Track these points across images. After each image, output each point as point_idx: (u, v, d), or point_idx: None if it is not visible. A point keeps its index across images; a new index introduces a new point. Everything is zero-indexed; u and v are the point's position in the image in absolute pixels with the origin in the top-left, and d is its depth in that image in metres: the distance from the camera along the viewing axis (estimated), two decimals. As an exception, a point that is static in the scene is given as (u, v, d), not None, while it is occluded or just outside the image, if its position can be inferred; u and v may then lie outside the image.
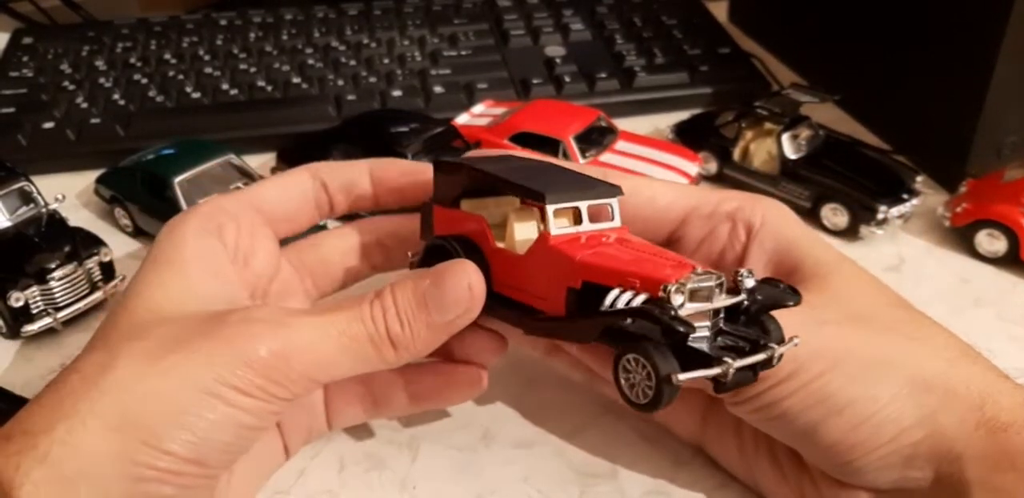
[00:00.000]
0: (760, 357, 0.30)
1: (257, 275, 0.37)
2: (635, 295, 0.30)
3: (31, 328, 0.47)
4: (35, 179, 0.51)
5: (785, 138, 0.56)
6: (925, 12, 0.57)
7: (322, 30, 0.75)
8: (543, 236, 0.33)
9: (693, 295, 0.29)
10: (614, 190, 0.34)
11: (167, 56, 0.72)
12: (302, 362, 0.31)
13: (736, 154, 0.58)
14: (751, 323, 0.31)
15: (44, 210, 0.50)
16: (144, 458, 0.29)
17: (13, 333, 0.47)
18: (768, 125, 0.58)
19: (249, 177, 0.55)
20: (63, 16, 0.85)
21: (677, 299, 0.29)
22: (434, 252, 0.36)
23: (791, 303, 0.31)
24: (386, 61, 0.71)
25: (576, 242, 0.32)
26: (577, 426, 0.42)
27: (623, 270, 0.31)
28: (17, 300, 0.46)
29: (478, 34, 0.75)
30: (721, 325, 0.31)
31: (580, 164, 0.53)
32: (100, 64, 0.71)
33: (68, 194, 0.58)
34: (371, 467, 0.40)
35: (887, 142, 0.63)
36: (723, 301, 0.30)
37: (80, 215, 0.58)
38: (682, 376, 0.28)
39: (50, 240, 0.48)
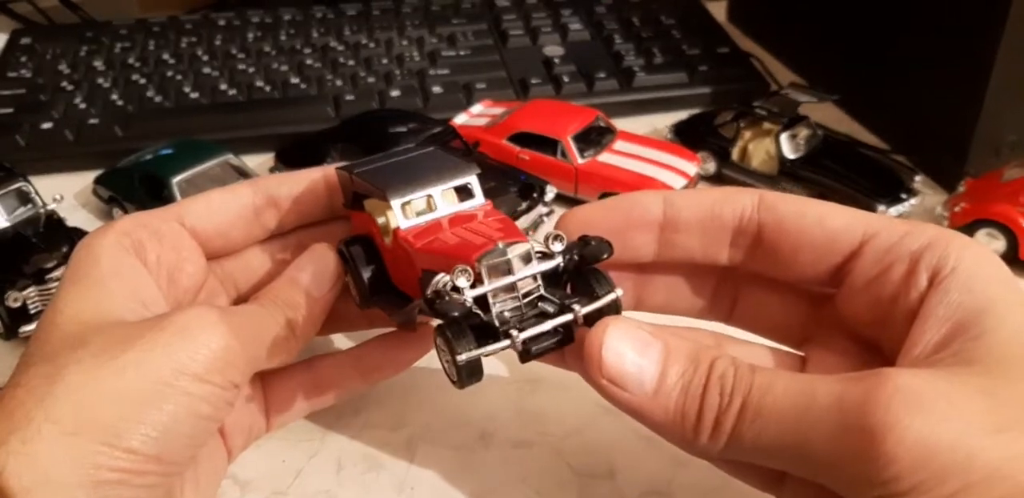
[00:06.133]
0: (560, 320, 0.31)
1: (184, 290, 0.37)
2: (453, 279, 0.30)
3: (29, 329, 0.46)
4: (33, 179, 0.51)
5: (784, 138, 0.56)
6: (924, 12, 0.57)
7: (321, 30, 0.75)
8: (395, 231, 0.34)
9: (492, 270, 0.30)
10: (469, 169, 0.35)
11: (166, 56, 0.72)
12: (249, 343, 0.32)
13: (735, 154, 0.58)
14: (579, 282, 0.32)
15: (42, 210, 0.49)
16: (104, 460, 0.28)
17: (11, 334, 0.47)
18: (767, 125, 0.58)
19: (247, 177, 0.55)
20: (62, 16, 0.85)
21: (461, 282, 0.30)
22: (340, 255, 0.38)
23: (605, 256, 0.31)
24: (384, 61, 0.71)
25: (429, 230, 0.33)
26: (575, 426, 0.42)
27: (443, 255, 0.32)
28: (15, 300, 0.46)
29: (477, 34, 0.75)
30: (541, 291, 0.32)
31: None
32: (99, 64, 0.71)
33: (66, 194, 0.58)
34: (369, 468, 0.40)
35: (886, 142, 0.63)
36: (529, 270, 0.31)
37: (78, 215, 0.58)
38: (464, 356, 0.30)
39: (48, 240, 0.48)
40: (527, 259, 0.31)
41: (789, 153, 0.56)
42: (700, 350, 0.29)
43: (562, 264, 0.31)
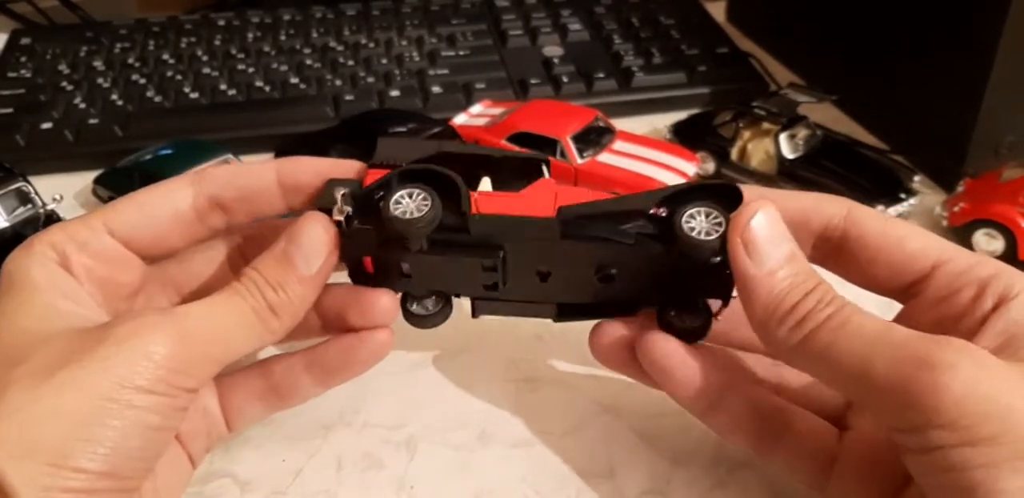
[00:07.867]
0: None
1: (119, 299, 0.35)
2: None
3: (29, 328, 0.47)
4: (33, 179, 0.51)
5: (783, 138, 0.56)
6: (923, 12, 0.57)
7: (320, 30, 0.75)
8: (545, 180, 0.37)
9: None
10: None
11: (165, 56, 0.72)
12: (203, 343, 0.31)
13: (734, 154, 0.58)
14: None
15: (42, 210, 0.50)
16: (52, 481, 0.27)
17: (11, 333, 0.47)
18: (766, 125, 0.58)
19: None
20: (61, 16, 0.85)
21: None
22: (410, 174, 0.36)
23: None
24: (384, 61, 0.71)
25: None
26: (575, 425, 0.42)
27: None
28: (15, 300, 0.46)
29: (476, 34, 0.75)
30: None
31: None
32: (98, 64, 0.71)
33: (66, 194, 0.58)
34: (368, 467, 0.40)
35: (885, 142, 0.63)
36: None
37: (78, 215, 0.58)
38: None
39: (48, 240, 0.48)
40: None
41: (788, 153, 0.56)
42: (814, 271, 0.33)
43: None
